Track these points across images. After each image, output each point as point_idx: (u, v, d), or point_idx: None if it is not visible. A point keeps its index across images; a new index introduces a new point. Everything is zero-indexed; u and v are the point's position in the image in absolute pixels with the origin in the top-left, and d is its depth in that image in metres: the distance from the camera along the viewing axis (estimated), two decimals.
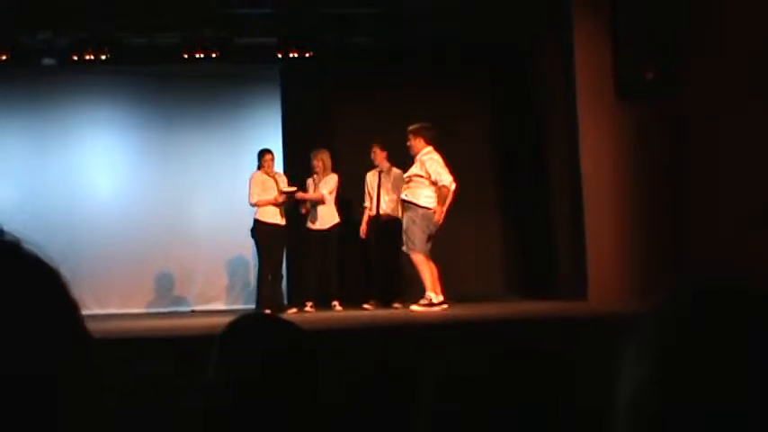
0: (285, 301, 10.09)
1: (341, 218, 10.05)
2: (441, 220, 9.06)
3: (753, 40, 7.69)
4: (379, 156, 9.92)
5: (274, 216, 9.77)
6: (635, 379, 0.94)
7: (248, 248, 9.95)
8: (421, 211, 9.04)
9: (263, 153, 9.94)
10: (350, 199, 10.41)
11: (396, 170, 9.84)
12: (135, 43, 10.63)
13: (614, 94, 9.04)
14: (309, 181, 10.02)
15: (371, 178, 9.99)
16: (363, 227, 9.99)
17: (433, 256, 9.11)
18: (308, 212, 9.94)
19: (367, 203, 10.01)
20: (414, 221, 9.04)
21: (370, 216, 9.97)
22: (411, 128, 9.26)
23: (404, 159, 9.46)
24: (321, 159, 9.95)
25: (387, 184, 9.89)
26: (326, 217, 9.92)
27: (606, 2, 9.14)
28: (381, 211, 9.89)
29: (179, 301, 11.33)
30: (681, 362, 0.91)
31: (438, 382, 1.78)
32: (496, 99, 11.37)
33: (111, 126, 11.45)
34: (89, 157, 11.38)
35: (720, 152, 8.08)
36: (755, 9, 7.72)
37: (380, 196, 9.90)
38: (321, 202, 9.86)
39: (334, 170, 10.01)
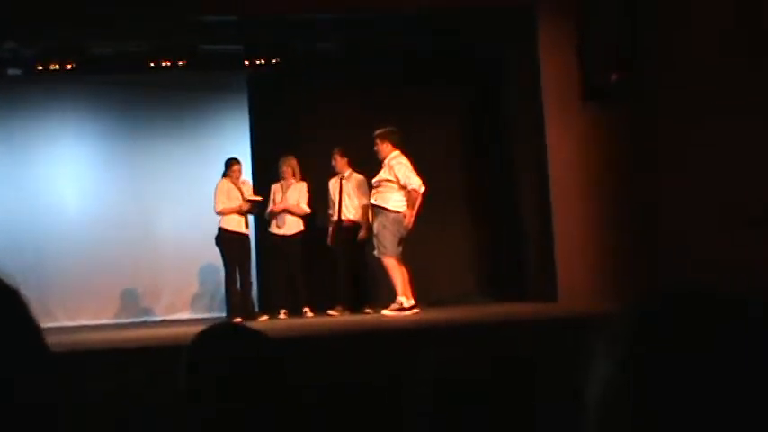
0: (256, 309, 10.05)
1: (308, 224, 10.06)
2: (411, 224, 9.08)
3: (718, 41, 7.77)
4: (339, 162, 9.92)
5: (238, 225, 9.76)
6: (604, 379, 0.95)
7: (218, 257, 9.92)
8: (391, 215, 9.06)
9: (231, 163, 9.92)
10: (317, 205, 10.39)
11: (357, 175, 9.86)
12: (101, 52, 10.56)
13: (580, 97, 9.10)
14: (276, 187, 9.99)
15: (333, 185, 9.99)
16: (330, 235, 9.99)
17: (403, 259, 9.12)
18: (273, 218, 9.94)
19: (330, 210, 10.02)
20: (384, 226, 9.05)
21: (334, 223, 9.97)
22: (377, 132, 9.28)
23: (372, 165, 9.45)
24: (290, 166, 9.96)
25: (348, 189, 9.89)
26: (291, 223, 9.93)
27: (572, 5, 9.20)
28: (343, 217, 9.88)
29: (149, 310, 11.27)
30: (649, 363, 0.92)
31: (430, 386, 1.79)
32: (465, 103, 11.40)
33: (79, 136, 11.37)
34: (56, 167, 11.28)
35: (687, 153, 8.15)
36: (721, 10, 7.80)
37: (342, 202, 9.90)
38: (299, 212, 9.87)
39: (302, 177, 10.02)
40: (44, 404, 0.91)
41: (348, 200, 9.86)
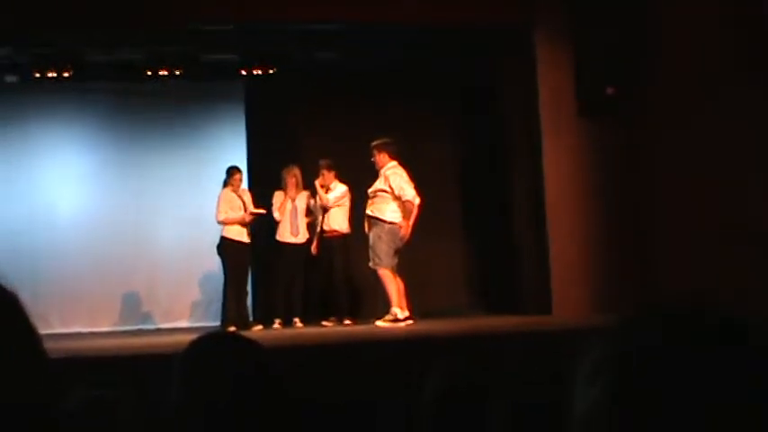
0: (251, 318, 10.04)
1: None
2: (407, 235, 9.06)
3: (716, 56, 7.78)
4: (327, 176, 9.92)
5: (240, 234, 9.75)
6: (588, 399, 0.94)
7: (213, 266, 9.90)
8: (387, 226, 9.04)
9: (233, 171, 9.91)
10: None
11: (340, 185, 9.88)
12: (98, 60, 10.55)
13: (576, 111, 9.11)
14: (280, 193, 9.96)
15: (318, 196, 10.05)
16: (315, 244, 10.00)
17: (399, 271, 9.11)
18: (279, 224, 9.92)
19: (316, 221, 10.06)
20: (380, 237, 9.03)
21: (318, 233, 10.01)
22: (375, 143, 9.29)
23: (367, 176, 9.43)
24: (294, 175, 9.97)
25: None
26: (303, 231, 9.95)
27: (568, 20, 9.21)
28: (326, 227, 9.90)
29: (144, 319, 11.24)
30: (632, 385, 0.91)
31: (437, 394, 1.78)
32: (461, 116, 11.40)
33: (75, 144, 11.37)
34: (53, 174, 11.28)
35: (680, 167, 8.16)
36: (718, 26, 7.82)
37: (325, 213, 9.92)
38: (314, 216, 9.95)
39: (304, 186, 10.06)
40: (41, 408, 0.91)
41: (331, 210, 9.90)
